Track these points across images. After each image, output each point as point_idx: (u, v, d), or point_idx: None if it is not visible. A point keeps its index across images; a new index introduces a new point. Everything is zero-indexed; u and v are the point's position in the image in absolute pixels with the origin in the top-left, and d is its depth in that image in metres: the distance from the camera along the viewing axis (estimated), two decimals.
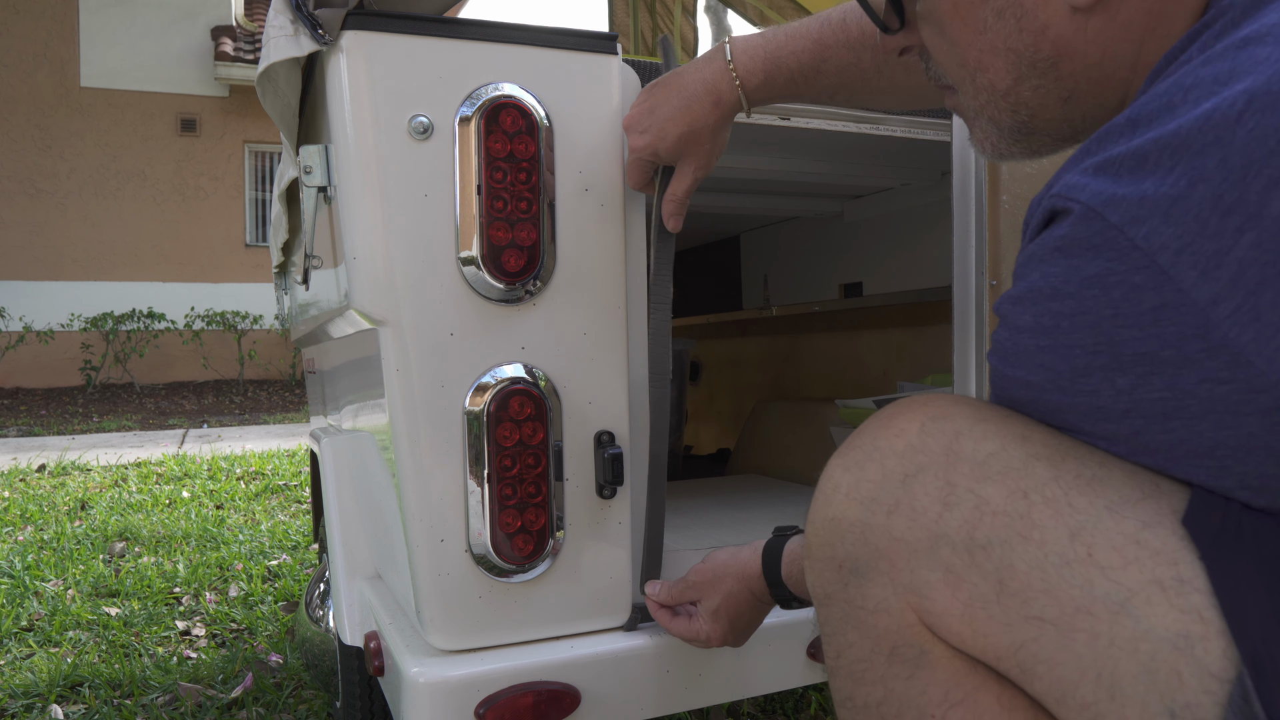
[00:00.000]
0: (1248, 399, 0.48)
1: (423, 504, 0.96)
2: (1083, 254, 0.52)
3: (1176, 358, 0.49)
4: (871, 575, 0.61)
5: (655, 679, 1.05)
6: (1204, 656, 0.49)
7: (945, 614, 0.58)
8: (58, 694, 1.83)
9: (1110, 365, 0.52)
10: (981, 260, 1.22)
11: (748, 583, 0.95)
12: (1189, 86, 0.51)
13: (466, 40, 0.96)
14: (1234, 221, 0.46)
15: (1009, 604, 0.55)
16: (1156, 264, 0.49)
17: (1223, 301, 0.47)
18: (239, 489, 4.11)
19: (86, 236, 9.56)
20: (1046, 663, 0.54)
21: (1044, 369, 0.56)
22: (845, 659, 0.64)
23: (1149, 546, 0.52)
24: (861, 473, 0.62)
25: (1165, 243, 0.48)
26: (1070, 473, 0.56)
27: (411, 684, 0.96)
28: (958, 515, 0.57)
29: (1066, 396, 0.56)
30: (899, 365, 2.17)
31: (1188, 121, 0.49)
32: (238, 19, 10.35)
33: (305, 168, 1.02)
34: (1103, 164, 0.52)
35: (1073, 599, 0.53)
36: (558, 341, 1.01)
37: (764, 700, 1.75)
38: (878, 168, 1.80)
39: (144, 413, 8.15)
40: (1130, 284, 0.50)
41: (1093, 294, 0.51)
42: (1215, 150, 0.47)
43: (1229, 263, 0.47)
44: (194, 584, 2.57)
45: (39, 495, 3.98)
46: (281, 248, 1.86)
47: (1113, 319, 0.51)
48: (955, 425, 0.60)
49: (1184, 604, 0.50)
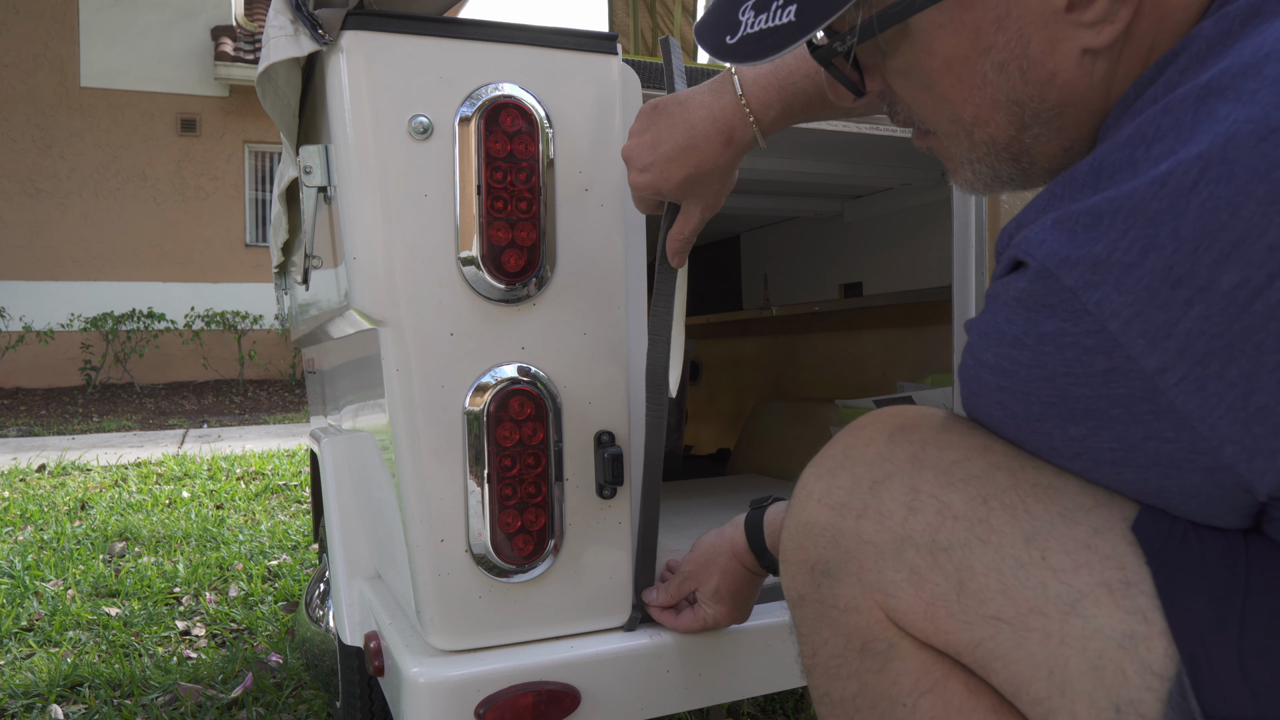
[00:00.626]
0: (1191, 458, 0.50)
1: (423, 504, 0.96)
2: (1039, 310, 0.53)
3: (1125, 416, 0.51)
4: (842, 576, 0.64)
5: (655, 679, 1.05)
6: (1147, 655, 0.52)
7: (910, 612, 0.61)
8: (58, 694, 1.83)
9: (1063, 415, 0.54)
10: (981, 260, 1.23)
11: (739, 557, 0.98)
12: (1151, 139, 0.51)
13: (466, 40, 0.96)
14: (1183, 294, 0.47)
15: (968, 603, 0.58)
16: (1107, 330, 0.50)
17: (1170, 370, 0.48)
18: (239, 489, 4.11)
19: (86, 236, 9.56)
20: (1002, 659, 0.57)
21: (1003, 407, 0.58)
22: (820, 656, 0.67)
23: (1099, 551, 0.54)
24: (833, 480, 0.65)
25: (1116, 310, 0.49)
26: (1028, 481, 0.58)
27: (411, 684, 0.96)
28: (921, 519, 0.60)
29: (1022, 433, 0.59)
30: (899, 365, 2.17)
31: (1143, 185, 0.49)
32: (238, 19, 10.35)
33: (305, 168, 1.02)
34: (1062, 218, 0.53)
35: (1027, 600, 0.55)
36: (558, 341, 1.01)
37: (764, 700, 1.75)
38: (878, 168, 1.80)
39: (144, 413, 8.15)
40: (1082, 346, 0.51)
41: (1048, 350, 0.53)
42: (1169, 219, 0.48)
43: (1177, 334, 0.48)
44: (194, 584, 2.57)
45: (39, 495, 3.98)
46: (281, 248, 1.86)
47: (1065, 376, 0.52)
48: (922, 435, 0.63)
49: (1130, 605, 0.53)
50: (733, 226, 2.77)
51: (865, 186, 2.07)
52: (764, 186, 2.02)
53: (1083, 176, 0.55)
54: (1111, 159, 0.53)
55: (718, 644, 1.08)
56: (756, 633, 1.10)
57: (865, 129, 1.30)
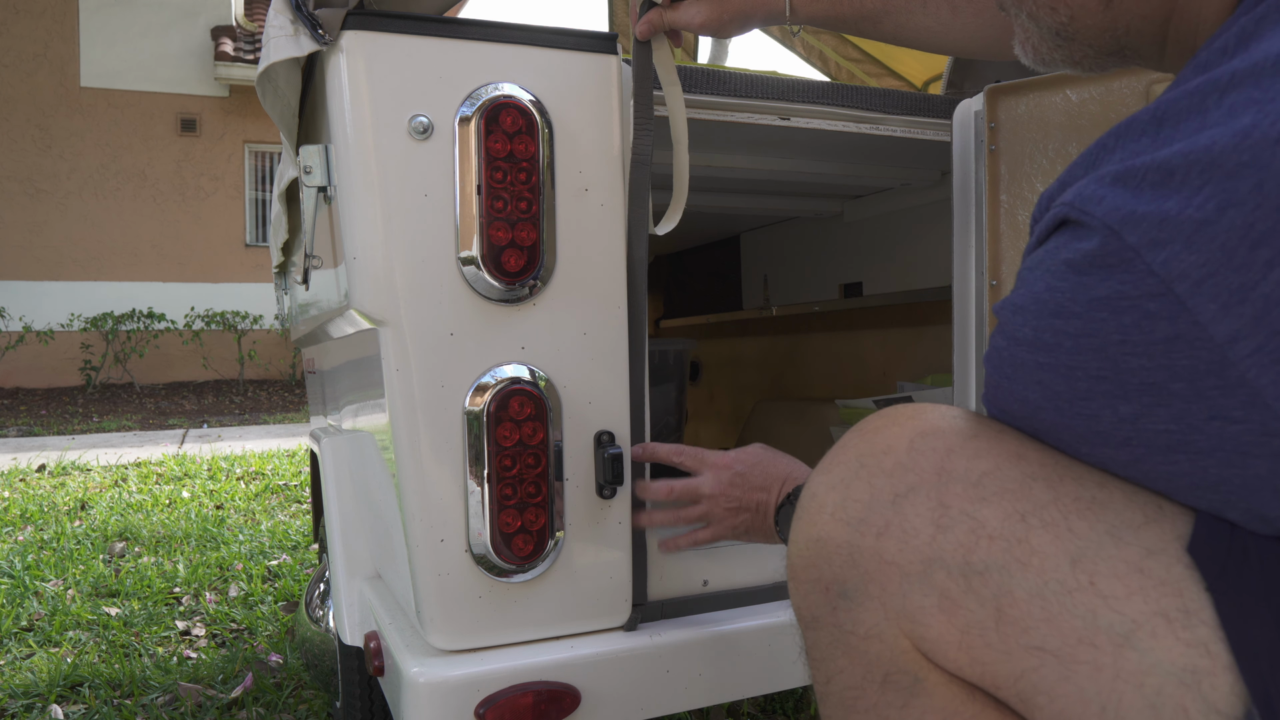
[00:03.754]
0: (1260, 441, 0.45)
1: (423, 504, 0.96)
2: (1094, 273, 0.48)
3: (1187, 391, 0.46)
4: (861, 599, 0.58)
5: (655, 679, 1.05)
6: (1211, 693, 0.47)
7: (941, 641, 0.56)
8: (58, 694, 1.83)
9: (1114, 392, 0.49)
10: (981, 260, 1.22)
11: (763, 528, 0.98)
12: (1225, 87, 0.47)
13: (466, 40, 0.96)
14: (1264, 254, 0.43)
15: (1008, 632, 0.53)
16: (1173, 293, 0.45)
17: (1243, 339, 0.44)
18: (239, 489, 4.11)
19: (86, 236, 9.56)
20: (1047, 694, 0.52)
21: (1041, 386, 0.53)
22: (835, 685, 0.62)
23: (1153, 575, 0.50)
24: (848, 491, 0.59)
25: (1185, 271, 0.44)
26: (1069, 494, 0.53)
27: (411, 684, 0.96)
28: (952, 538, 0.55)
29: (1063, 418, 0.53)
30: (899, 365, 2.17)
31: (1222, 137, 0.45)
32: (238, 19, 10.35)
33: (305, 168, 1.02)
34: (1123, 174, 0.48)
35: (1075, 629, 0.51)
36: (558, 341, 1.01)
37: (764, 700, 1.75)
38: (878, 168, 1.80)
39: (144, 413, 8.15)
40: (1143, 310, 0.46)
41: (1101, 316, 0.48)
42: (1250, 173, 0.43)
43: (1254, 298, 0.43)
44: (194, 584, 2.57)
45: (39, 495, 3.98)
46: (281, 248, 1.86)
47: (1120, 345, 0.48)
48: (946, 442, 0.58)
49: (1190, 637, 0.48)
50: (733, 226, 2.77)
51: (865, 186, 2.07)
52: (764, 186, 2.02)
53: (1143, 125, 0.50)
54: (1177, 107, 0.48)
55: (718, 644, 1.08)
56: (757, 633, 1.10)
57: (865, 129, 1.30)
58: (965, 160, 1.25)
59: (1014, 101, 1.19)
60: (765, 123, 1.24)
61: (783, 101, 1.23)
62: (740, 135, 1.42)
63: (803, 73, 2.60)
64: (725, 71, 1.20)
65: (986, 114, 1.20)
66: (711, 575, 1.15)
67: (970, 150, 1.24)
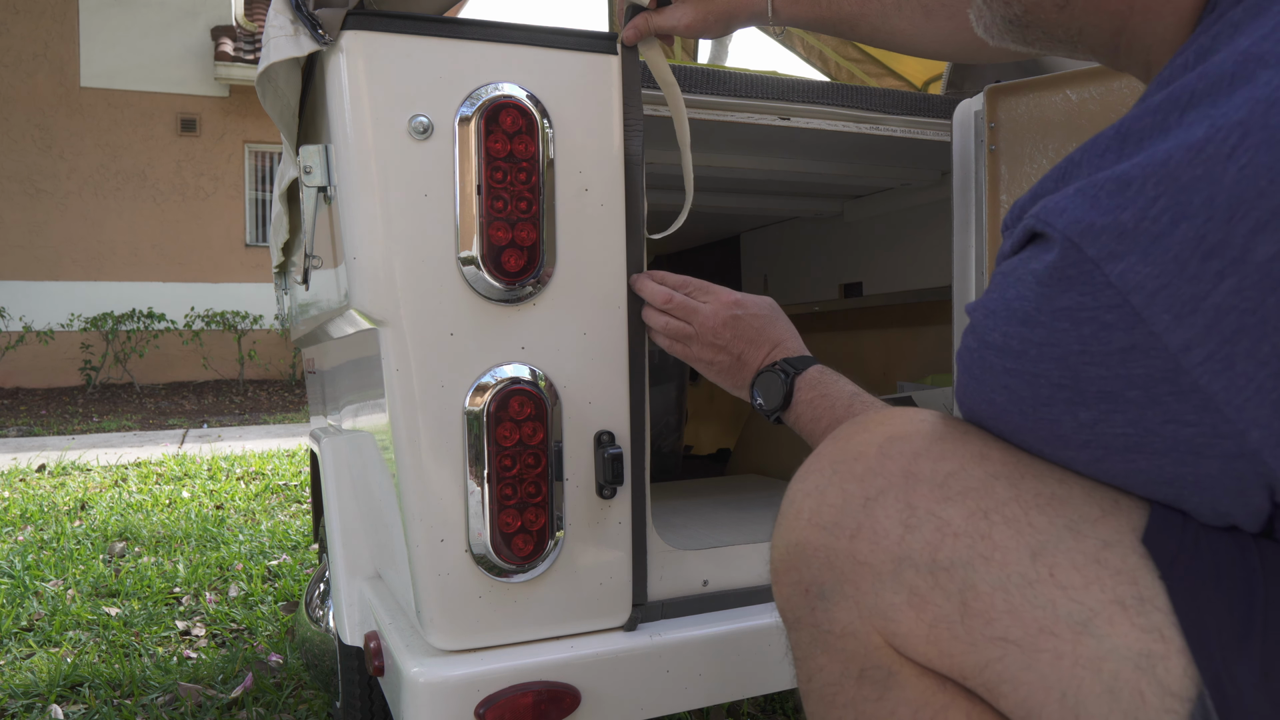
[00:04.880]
0: (1212, 443, 0.48)
1: (423, 504, 0.96)
2: (1056, 284, 0.50)
3: (1142, 398, 0.48)
4: (837, 599, 0.61)
5: (655, 679, 1.05)
6: (1165, 676, 0.49)
7: (910, 635, 0.58)
8: (58, 694, 1.83)
9: (1074, 399, 0.51)
10: (981, 260, 1.23)
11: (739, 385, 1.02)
12: (1185, 104, 0.49)
13: (466, 40, 0.96)
14: (1215, 265, 0.45)
15: (973, 624, 0.55)
16: (1129, 304, 0.47)
17: (1195, 348, 0.46)
18: (239, 489, 4.11)
19: (86, 236, 9.56)
20: (1011, 682, 0.54)
21: (1008, 390, 0.55)
22: (816, 683, 0.64)
23: (1109, 565, 0.52)
24: (822, 497, 0.62)
25: (1140, 283, 0.47)
26: (1030, 491, 0.56)
27: (411, 684, 0.96)
28: (919, 537, 0.57)
29: (1027, 421, 0.55)
30: (899, 365, 2.17)
31: (1177, 151, 0.47)
32: (238, 19, 10.35)
33: (305, 168, 1.02)
34: (1085, 186, 0.50)
35: (1036, 619, 0.53)
36: (558, 341, 1.01)
37: (764, 700, 1.75)
38: (878, 168, 1.80)
39: (144, 413, 8.15)
40: (1101, 321, 0.48)
41: (1063, 326, 0.50)
42: (1203, 186, 0.45)
43: (1205, 308, 0.45)
44: (194, 584, 2.57)
45: (39, 495, 3.98)
46: (281, 248, 1.86)
47: (1080, 354, 0.50)
48: (913, 445, 0.60)
49: (1145, 623, 0.50)
50: (733, 226, 2.77)
51: (865, 186, 2.07)
52: (764, 186, 2.02)
53: (1107, 141, 0.52)
54: (1140, 124, 0.50)
55: (718, 644, 1.08)
56: (756, 633, 1.10)
57: (865, 129, 1.30)
58: (965, 160, 1.25)
59: (1014, 101, 1.19)
60: (765, 123, 1.24)
61: (783, 101, 1.23)
62: (740, 135, 1.42)
63: (803, 73, 2.60)
64: (725, 71, 1.20)
65: (986, 114, 1.20)
66: (711, 575, 1.15)
67: (970, 150, 1.24)
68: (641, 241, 1.06)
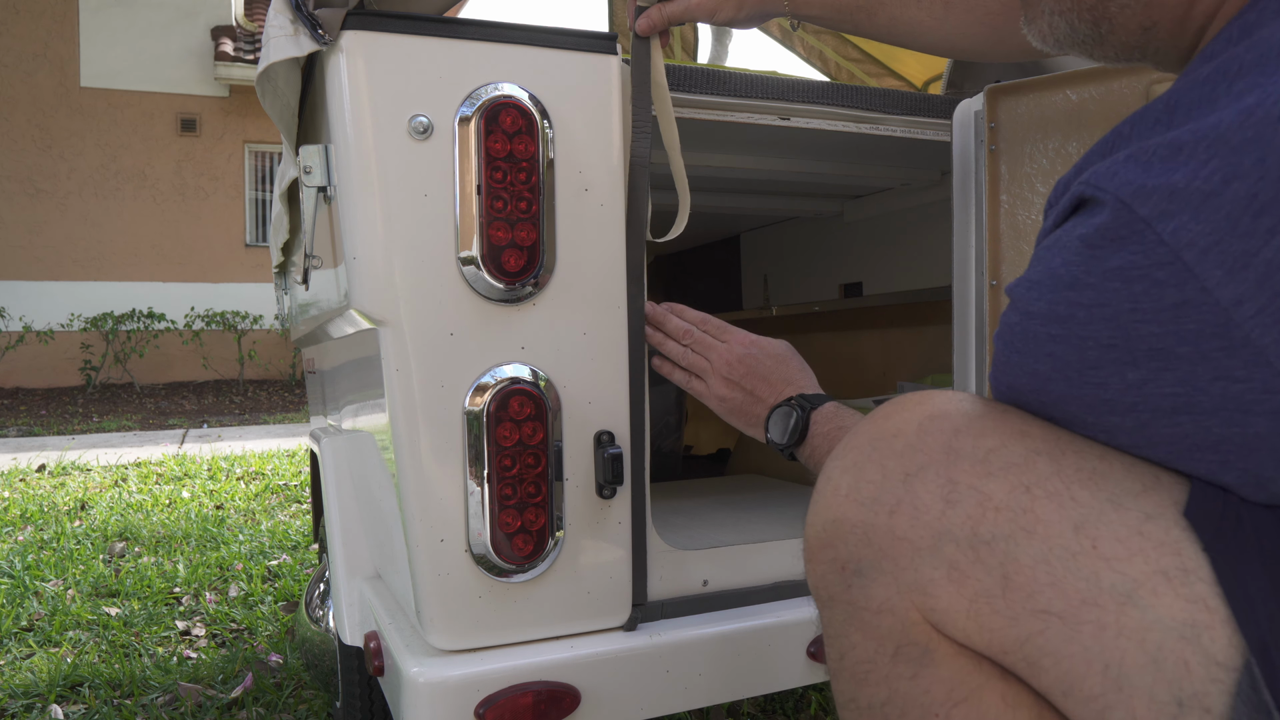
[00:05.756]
0: (1261, 399, 0.48)
1: (423, 504, 0.96)
2: (1107, 245, 0.51)
3: (1193, 354, 0.49)
4: (875, 575, 0.61)
5: (655, 679, 1.05)
6: (1210, 645, 0.49)
7: (950, 610, 0.58)
8: (58, 694, 1.83)
9: (1123, 359, 0.52)
10: (981, 260, 1.23)
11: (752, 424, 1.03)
12: (1234, 75, 0.51)
13: (466, 40, 0.96)
14: (1266, 222, 0.46)
15: (1014, 598, 0.55)
16: (1181, 260, 0.48)
17: (1247, 302, 0.47)
18: (239, 489, 4.11)
19: (86, 236, 9.56)
20: (1053, 655, 0.54)
21: (1052, 358, 0.55)
22: (849, 660, 0.64)
23: (1152, 538, 0.52)
24: (861, 474, 0.62)
25: (1193, 239, 0.48)
26: (1071, 466, 0.56)
27: (411, 684, 0.96)
28: (960, 512, 0.57)
29: (1072, 388, 0.55)
30: (899, 365, 2.17)
31: (1227, 116, 0.48)
32: (238, 19, 10.35)
33: (305, 168, 1.02)
34: (1136, 153, 0.52)
35: (1079, 591, 0.53)
36: (558, 341, 1.01)
37: (764, 700, 1.75)
38: (878, 168, 1.80)
39: (144, 413, 8.15)
40: (1153, 279, 0.49)
41: (1114, 286, 0.51)
42: (1253, 148, 0.47)
43: (1257, 264, 0.47)
44: (194, 584, 2.57)
45: (39, 495, 3.98)
46: (281, 248, 1.86)
47: (1131, 313, 0.50)
48: (953, 423, 0.60)
49: (1189, 593, 0.50)
50: (733, 226, 2.77)
51: (865, 186, 2.07)
52: (764, 186, 2.02)
53: (1156, 114, 0.53)
54: (1189, 96, 0.52)
55: (718, 644, 1.08)
56: (757, 633, 1.10)
57: (865, 129, 1.30)
58: (965, 160, 1.25)
59: (1014, 101, 1.19)
60: (765, 123, 1.24)
61: (783, 101, 1.23)
62: (740, 135, 1.42)
63: (803, 73, 2.60)
64: (725, 71, 1.20)
65: (986, 114, 1.20)
66: (711, 575, 1.15)
67: (970, 150, 1.24)
68: (642, 242, 1.06)
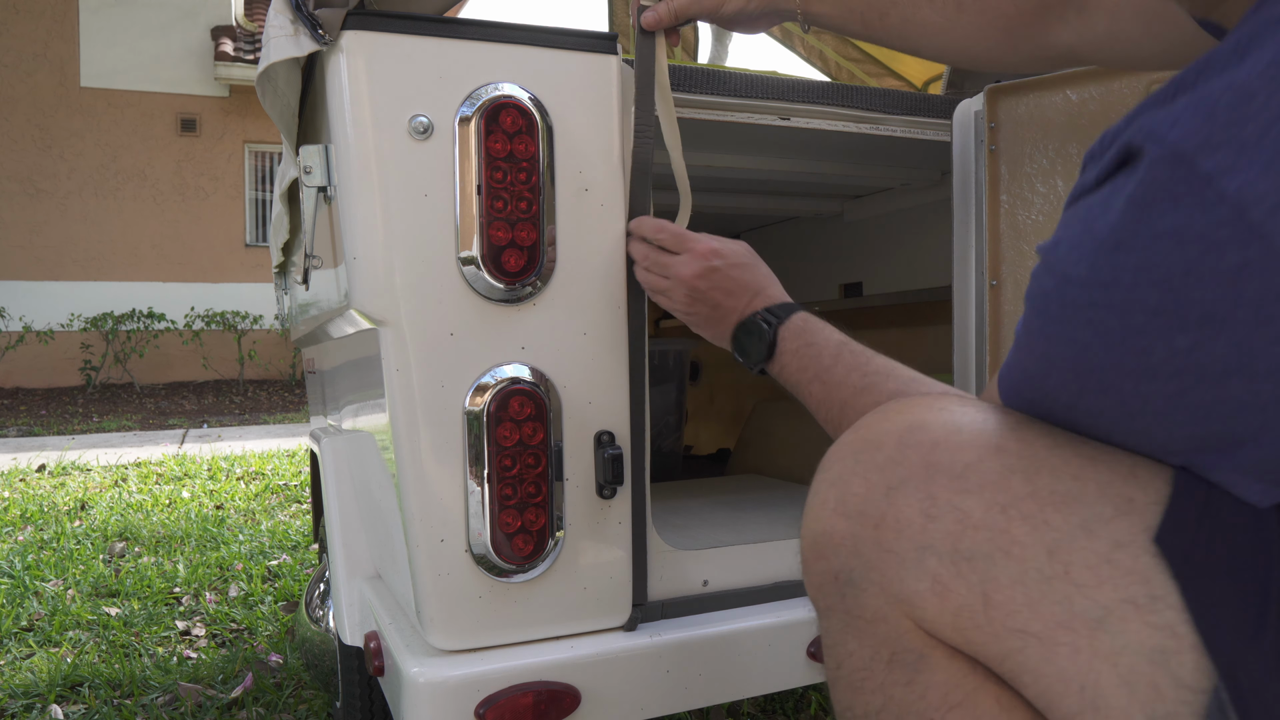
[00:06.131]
0: None
1: (423, 504, 0.96)
2: (1160, 204, 0.47)
3: (1251, 318, 0.46)
4: (865, 586, 0.62)
5: (655, 679, 1.05)
6: (1179, 670, 0.51)
7: (937, 622, 0.59)
8: (58, 694, 1.83)
9: (1171, 325, 0.48)
10: (981, 260, 1.23)
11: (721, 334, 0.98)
12: None
13: (466, 40, 0.96)
14: None
15: (995, 616, 0.56)
16: (1246, 219, 0.44)
17: None
18: (239, 489, 4.11)
19: (86, 236, 9.56)
20: (1032, 673, 0.56)
21: (1092, 325, 0.52)
22: (845, 669, 0.65)
23: (1121, 566, 0.53)
24: (846, 486, 0.63)
25: (1261, 196, 0.44)
26: (1045, 489, 0.56)
27: (411, 684, 0.96)
28: (941, 527, 0.58)
29: (1113, 355, 0.52)
30: None
31: None
32: (238, 19, 10.35)
33: (305, 168, 1.02)
34: (1200, 99, 0.47)
35: (1054, 614, 0.54)
36: (558, 341, 1.01)
37: (764, 700, 1.75)
38: (878, 168, 1.80)
39: (144, 413, 8.15)
40: (1210, 240, 0.45)
41: (1164, 249, 0.47)
42: None
43: None
44: (194, 584, 2.57)
45: (39, 495, 3.98)
46: (281, 248, 1.86)
47: (1184, 276, 0.47)
48: (931, 435, 0.61)
49: (1157, 620, 0.52)
50: (733, 226, 2.77)
51: (865, 186, 2.07)
52: (764, 186, 2.02)
53: (1224, 56, 0.48)
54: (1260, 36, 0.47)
55: (718, 644, 1.08)
56: (756, 633, 1.10)
57: (865, 129, 1.30)
58: (965, 160, 1.25)
59: (1014, 101, 1.19)
60: (765, 123, 1.24)
61: (783, 101, 1.23)
62: (740, 135, 1.42)
63: (803, 73, 2.60)
64: (725, 71, 1.20)
65: (986, 114, 1.20)
66: (711, 575, 1.15)
67: (970, 150, 1.24)
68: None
